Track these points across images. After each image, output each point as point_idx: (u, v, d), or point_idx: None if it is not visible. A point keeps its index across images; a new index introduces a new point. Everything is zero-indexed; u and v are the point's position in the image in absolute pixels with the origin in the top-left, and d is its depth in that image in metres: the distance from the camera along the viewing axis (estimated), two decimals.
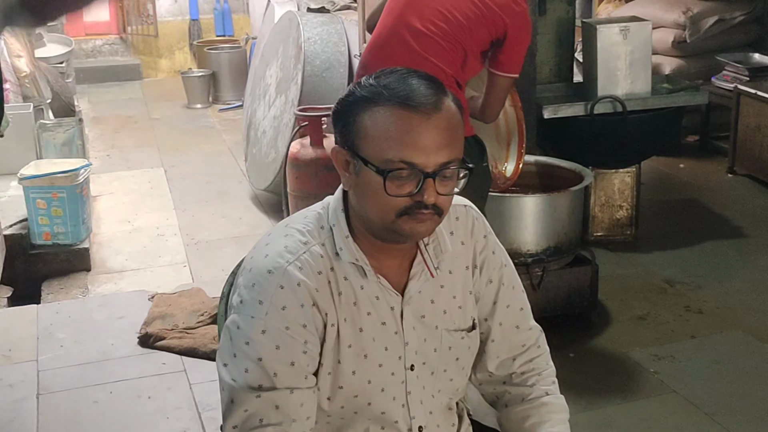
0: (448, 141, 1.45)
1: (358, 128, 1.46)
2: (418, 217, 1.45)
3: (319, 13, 5.60)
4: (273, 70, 5.62)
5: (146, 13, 9.21)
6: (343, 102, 1.53)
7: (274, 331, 1.48)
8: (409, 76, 1.49)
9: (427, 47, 3.06)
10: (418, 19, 3.09)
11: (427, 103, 1.43)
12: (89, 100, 8.31)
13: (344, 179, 1.52)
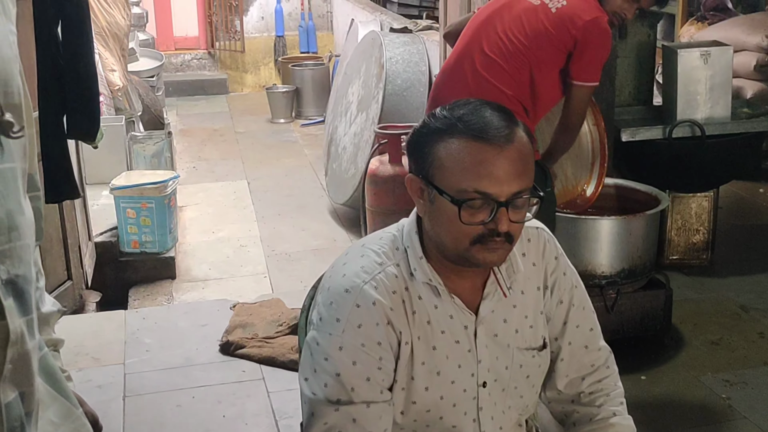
0: (520, 171, 1.52)
1: (433, 159, 1.54)
2: (490, 246, 1.53)
3: (401, 33, 5.71)
4: (355, 88, 5.75)
5: (234, 29, 9.47)
6: (417, 133, 1.61)
7: (350, 348, 1.57)
8: (482, 108, 1.56)
9: (489, 70, 3.14)
10: (486, 42, 3.17)
11: (500, 136, 1.51)
12: (177, 112, 8.59)
13: (419, 206, 1.61)
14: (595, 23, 3.12)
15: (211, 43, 9.65)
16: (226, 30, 9.53)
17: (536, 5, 3.18)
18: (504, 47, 3.13)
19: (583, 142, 3.51)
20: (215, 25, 9.55)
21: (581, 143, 3.50)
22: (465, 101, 1.59)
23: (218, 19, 9.52)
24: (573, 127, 3.28)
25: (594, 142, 3.57)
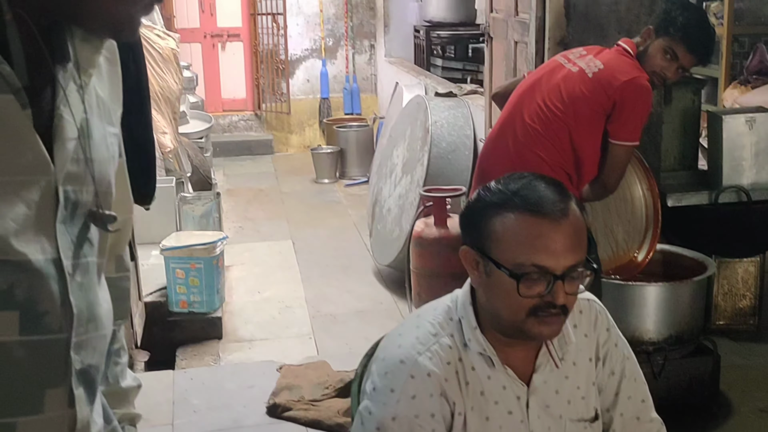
0: (575, 244, 1.57)
1: (489, 232, 1.59)
2: (546, 318, 1.57)
3: (446, 97, 5.80)
4: (400, 150, 5.84)
5: (280, 91, 9.66)
6: (472, 206, 1.66)
7: (404, 419, 1.60)
8: (536, 182, 1.61)
9: (529, 139, 3.19)
10: (526, 111, 3.24)
11: (555, 210, 1.56)
12: (224, 172, 8.74)
13: (473, 277, 1.65)
14: (632, 83, 3.15)
15: (257, 104, 9.85)
16: (272, 92, 9.72)
17: (575, 72, 3.24)
18: (543, 115, 3.18)
19: (636, 206, 3.54)
20: (262, 87, 9.75)
21: (634, 208, 3.53)
22: (519, 175, 1.64)
23: (265, 82, 9.72)
24: (610, 187, 3.30)
25: (648, 208, 3.59)
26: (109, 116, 1.19)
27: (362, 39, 9.86)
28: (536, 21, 4.02)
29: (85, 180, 1.10)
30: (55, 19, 1.07)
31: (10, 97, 1.00)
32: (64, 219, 1.08)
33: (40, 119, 1.04)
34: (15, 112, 1.00)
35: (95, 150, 1.13)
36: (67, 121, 1.06)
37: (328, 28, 9.80)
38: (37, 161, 1.03)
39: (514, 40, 4.39)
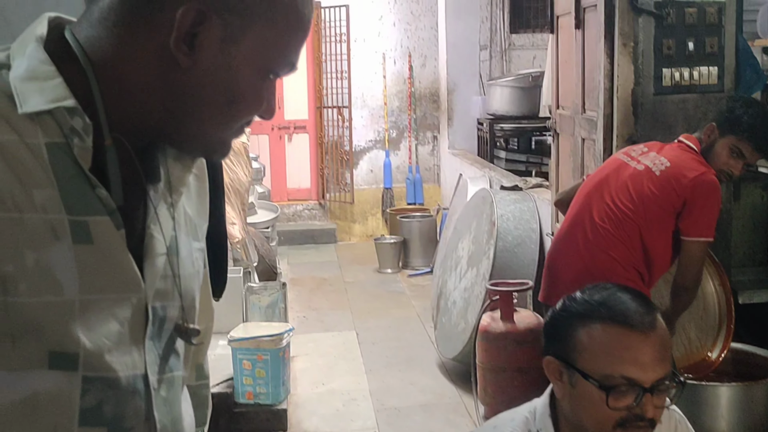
0: (663, 356, 1.57)
1: (575, 343, 1.60)
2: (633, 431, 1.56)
3: (511, 191, 5.84)
4: (465, 243, 5.86)
5: (344, 181, 9.81)
6: (557, 315, 1.67)
7: None
8: (621, 293, 1.63)
9: (600, 239, 3.19)
10: (595, 211, 3.24)
11: (644, 322, 1.57)
12: (288, 261, 8.83)
13: (557, 388, 1.65)
14: (701, 179, 3.15)
15: (322, 194, 10.00)
16: (336, 182, 9.88)
17: (641, 170, 3.25)
18: (613, 215, 3.19)
19: (708, 303, 3.50)
20: (326, 177, 9.91)
21: (707, 304, 3.49)
22: (603, 286, 1.66)
23: (329, 172, 9.89)
24: (690, 286, 3.27)
25: (720, 304, 3.55)
26: (195, 232, 1.25)
27: (425, 131, 10.01)
28: (604, 119, 4.06)
29: (172, 296, 1.15)
30: (151, 141, 1.14)
31: (106, 218, 1.06)
32: (153, 335, 1.13)
33: (132, 237, 1.10)
34: (110, 233, 1.06)
35: (182, 266, 1.18)
36: (157, 240, 1.13)
37: (392, 120, 9.98)
38: (129, 280, 1.08)
39: (582, 137, 4.43)
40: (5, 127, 1.01)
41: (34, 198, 1.00)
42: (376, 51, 9.86)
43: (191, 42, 1.05)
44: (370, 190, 9.97)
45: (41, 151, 1.02)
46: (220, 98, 1.08)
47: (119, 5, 1.06)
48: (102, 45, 1.06)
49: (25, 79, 1.03)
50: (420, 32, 9.87)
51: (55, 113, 1.02)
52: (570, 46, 4.60)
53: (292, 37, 1.12)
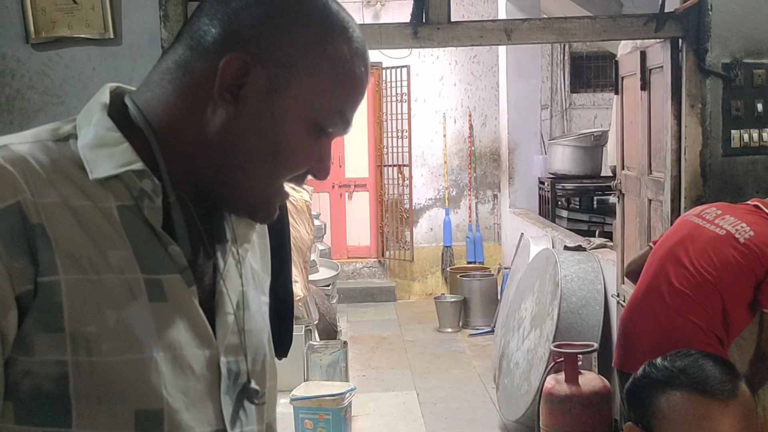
0: (744, 426, 1.53)
1: (655, 410, 1.58)
2: None
3: (575, 251, 5.79)
4: (528, 303, 5.82)
5: (404, 239, 9.83)
6: (638, 382, 1.65)
7: None
8: (703, 360, 1.60)
9: (679, 302, 3.14)
10: (674, 275, 3.19)
11: (724, 390, 1.54)
12: (348, 319, 8.84)
13: None
14: None
15: (381, 252, 10.02)
16: (396, 240, 9.90)
17: (722, 235, 3.20)
18: (693, 279, 3.14)
19: None
20: (386, 235, 9.94)
21: None
22: (686, 352, 1.64)
23: (389, 230, 9.92)
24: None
25: None
26: (262, 286, 1.27)
27: (485, 189, 10.01)
28: (671, 180, 4.02)
29: (242, 350, 1.17)
30: (212, 200, 1.16)
31: (178, 276, 1.08)
32: (228, 390, 1.14)
33: (203, 294, 1.13)
34: (182, 290, 1.09)
35: (251, 321, 1.20)
36: (227, 296, 1.15)
37: (452, 178, 10.01)
38: (202, 335, 1.11)
39: (648, 198, 4.39)
40: (79, 193, 1.05)
41: (110, 259, 1.04)
42: (436, 110, 9.94)
43: (236, 92, 1.07)
44: (429, 248, 9.97)
45: (113, 214, 1.06)
46: (264, 149, 1.09)
47: (173, 64, 1.11)
48: (159, 106, 1.11)
49: (94, 147, 1.08)
50: (480, 92, 9.93)
51: (124, 177, 1.07)
52: (635, 107, 4.58)
53: (341, 92, 1.11)
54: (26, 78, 3.08)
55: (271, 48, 1.07)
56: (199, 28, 1.09)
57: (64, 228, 1.02)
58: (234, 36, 1.07)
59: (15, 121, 3.07)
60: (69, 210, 1.03)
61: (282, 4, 1.09)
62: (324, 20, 1.10)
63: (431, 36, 3.63)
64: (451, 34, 3.65)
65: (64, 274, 1.01)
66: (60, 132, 1.10)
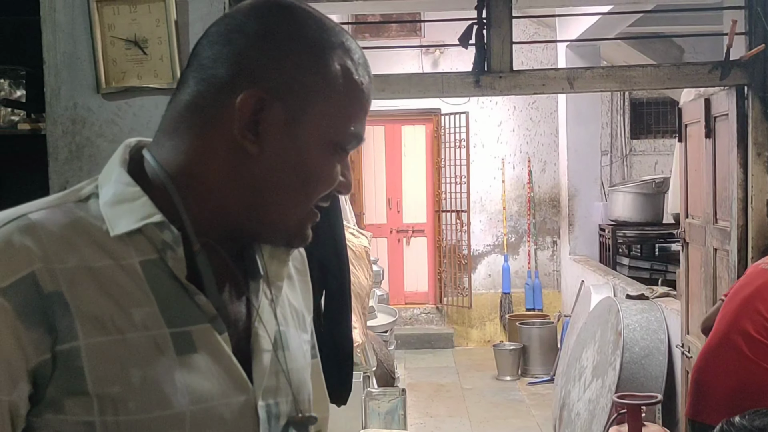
0: None
1: None
2: None
3: (638, 300, 5.70)
4: (590, 353, 5.73)
5: (462, 285, 9.77)
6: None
7: None
8: None
9: (758, 353, 3.07)
10: (750, 325, 3.13)
11: None
12: (405, 365, 8.79)
13: None
14: None
15: (439, 298, 9.98)
16: (454, 286, 9.85)
17: None
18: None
19: None
20: (444, 281, 9.90)
21: None
22: (765, 411, 1.59)
23: (447, 276, 9.88)
24: None
25: None
26: (303, 324, 1.26)
27: (545, 235, 9.94)
28: (738, 229, 3.95)
29: (283, 391, 1.16)
30: (243, 240, 1.16)
31: (207, 326, 1.07)
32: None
33: (237, 338, 1.11)
34: (213, 339, 1.08)
35: (292, 360, 1.19)
36: (262, 337, 1.13)
37: (511, 224, 9.96)
38: (236, 383, 1.09)
39: (714, 247, 4.32)
40: (100, 253, 1.05)
41: (134, 317, 1.03)
42: (495, 156, 9.93)
43: (256, 129, 1.07)
44: (488, 294, 9.90)
45: (137, 270, 1.05)
46: (294, 180, 1.09)
47: (185, 110, 1.10)
48: (178, 154, 1.10)
49: (114, 204, 1.08)
50: (539, 138, 9.91)
51: (145, 231, 1.06)
52: (699, 154, 4.52)
53: (353, 107, 1.11)
54: (96, 126, 3.15)
55: (282, 78, 1.07)
56: (206, 69, 1.09)
57: (85, 291, 1.02)
58: (244, 74, 1.07)
59: (84, 168, 3.13)
60: (89, 272, 1.03)
61: (282, 33, 1.08)
62: (323, 38, 1.10)
63: (493, 84, 3.63)
64: (514, 83, 3.66)
65: (84, 339, 1.00)
66: (82, 193, 1.11)
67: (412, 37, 9.71)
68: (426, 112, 9.76)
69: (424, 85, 3.76)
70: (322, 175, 1.10)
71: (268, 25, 1.09)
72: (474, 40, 3.63)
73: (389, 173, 10.03)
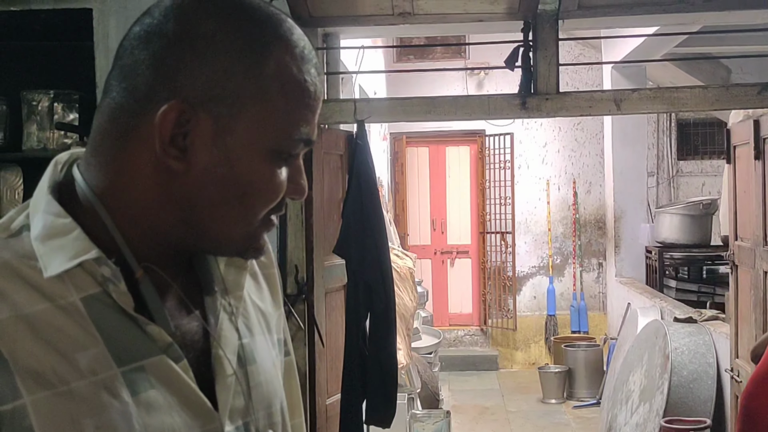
0: None
1: None
2: None
3: (686, 323, 5.63)
4: (637, 376, 5.66)
5: (506, 307, 9.73)
6: None
7: None
8: None
9: None
10: None
11: None
12: (449, 387, 8.76)
13: None
14: None
15: (484, 320, 9.94)
16: (498, 308, 9.81)
17: None
18: None
19: None
20: (488, 303, 9.86)
21: None
22: None
23: (492, 298, 9.84)
24: None
25: None
26: (269, 325, 1.17)
27: (590, 257, 9.87)
28: None
29: (253, 407, 1.08)
30: (188, 253, 1.07)
31: (161, 357, 0.99)
32: None
33: (197, 361, 1.03)
34: (169, 370, 0.99)
35: (260, 372, 1.10)
36: (223, 358, 1.05)
37: (556, 246, 9.90)
38: (200, 412, 1.01)
39: (764, 270, 4.25)
40: (34, 295, 0.95)
41: (79, 363, 0.94)
42: (540, 177, 9.89)
43: (181, 144, 0.96)
44: (533, 316, 9.84)
45: (78, 309, 0.96)
46: (228, 195, 0.98)
47: (107, 121, 1.00)
48: (104, 171, 1.00)
49: (45, 239, 0.97)
50: (585, 159, 9.86)
51: (84, 264, 0.96)
52: (749, 176, 4.47)
53: (295, 109, 0.99)
54: None
55: (207, 87, 0.95)
56: (126, 76, 0.98)
57: (21, 344, 0.92)
58: (163, 82, 0.96)
59: None
60: (24, 322, 0.93)
61: (205, 35, 0.96)
62: (257, 35, 0.97)
63: (539, 106, 3.63)
64: (560, 105, 3.65)
65: (28, 396, 0.91)
66: (13, 226, 1.00)
67: (456, 59, 9.74)
68: (470, 133, 9.76)
69: (470, 107, 3.77)
70: (262, 187, 0.99)
71: (188, 24, 0.96)
72: (520, 62, 3.64)
73: (433, 194, 10.04)
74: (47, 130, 3.58)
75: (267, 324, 1.16)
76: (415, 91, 7.97)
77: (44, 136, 3.59)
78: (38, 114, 3.58)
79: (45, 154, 3.55)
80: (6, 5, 3.32)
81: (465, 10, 3.50)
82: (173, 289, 1.04)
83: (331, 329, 3.95)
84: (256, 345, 1.11)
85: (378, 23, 3.68)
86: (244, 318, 1.11)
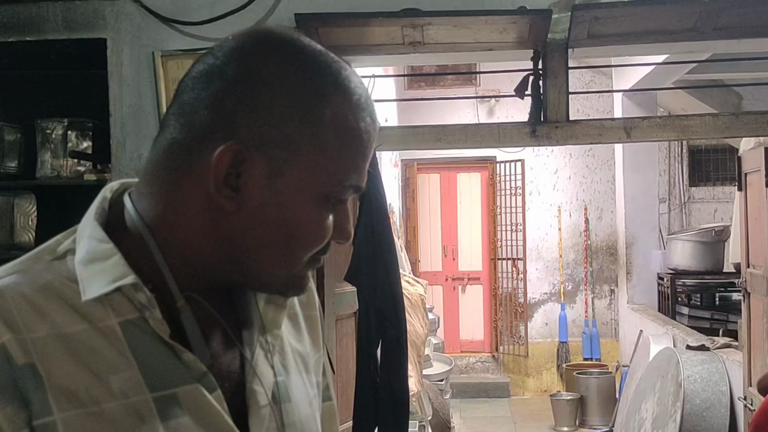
0: None
1: None
2: None
3: (698, 351, 5.61)
4: (649, 404, 5.63)
5: (518, 334, 9.70)
6: None
7: None
8: None
9: None
10: None
11: None
12: (461, 415, 8.72)
13: None
14: None
15: (495, 347, 9.91)
16: (510, 334, 9.78)
17: None
18: None
19: None
20: (500, 329, 9.83)
21: None
22: None
23: (503, 324, 9.82)
24: None
25: None
26: (307, 366, 1.18)
27: (602, 284, 9.84)
28: None
29: None
30: (229, 288, 1.08)
31: (196, 385, 0.99)
32: None
33: (231, 394, 1.03)
34: (202, 399, 0.99)
35: (294, 412, 1.10)
36: (258, 392, 1.05)
37: (568, 272, 9.88)
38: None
39: None
40: (74, 317, 0.97)
41: (112, 385, 0.95)
42: (551, 204, 9.89)
43: (235, 183, 0.97)
44: (544, 343, 9.80)
45: (115, 332, 0.97)
46: (276, 237, 0.99)
47: (163, 155, 1.01)
48: (155, 202, 1.02)
49: (87, 263, 1.00)
50: (596, 185, 9.86)
51: (124, 289, 0.98)
52: (760, 203, 4.47)
53: (349, 156, 1.00)
54: None
55: (265, 130, 0.97)
56: (185, 112, 1.00)
57: (57, 362, 0.94)
58: (221, 123, 0.97)
59: None
60: (61, 341, 0.95)
61: (265, 79, 0.97)
62: (316, 81, 0.98)
63: (549, 134, 3.65)
64: (570, 133, 3.66)
65: (59, 413, 0.93)
66: (59, 249, 1.03)
67: (467, 86, 9.77)
68: (481, 160, 9.78)
69: (480, 135, 3.78)
70: (310, 231, 1.01)
71: (249, 68, 0.98)
72: (530, 90, 3.65)
73: (444, 221, 10.05)
74: (61, 158, 3.61)
75: (305, 364, 1.17)
76: (426, 118, 8.01)
77: (58, 164, 3.62)
78: (52, 142, 3.61)
79: (58, 181, 3.58)
80: (22, 35, 3.36)
81: (475, 40, 3.52)
82: (212, 321, 1.05)
83: (342, 356, 3.95)
84: (291, 383, 1.11)
85: (389, 52, 3.70)
86: (280, 356, 1.11)
